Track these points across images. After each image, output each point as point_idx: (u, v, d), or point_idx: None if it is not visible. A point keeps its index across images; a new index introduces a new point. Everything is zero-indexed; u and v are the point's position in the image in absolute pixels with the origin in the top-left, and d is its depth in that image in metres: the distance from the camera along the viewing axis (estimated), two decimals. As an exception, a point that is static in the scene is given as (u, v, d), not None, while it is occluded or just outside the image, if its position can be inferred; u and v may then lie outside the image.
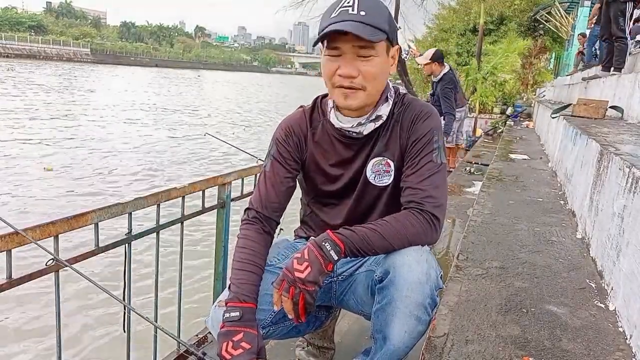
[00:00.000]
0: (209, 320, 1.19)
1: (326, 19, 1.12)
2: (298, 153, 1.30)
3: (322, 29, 1.12)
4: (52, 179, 7.66)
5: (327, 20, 1.11)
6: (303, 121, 1.31)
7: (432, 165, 1.19)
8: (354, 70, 1.12)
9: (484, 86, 12.26)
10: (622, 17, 5.01)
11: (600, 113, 3.67)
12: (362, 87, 1.14)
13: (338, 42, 1.11)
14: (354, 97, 1.16)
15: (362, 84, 1.14)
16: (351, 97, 1.15)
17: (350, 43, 1.10)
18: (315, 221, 1.39)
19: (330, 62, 1.14)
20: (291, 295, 1.06)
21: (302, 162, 1.31)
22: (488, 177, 3.40)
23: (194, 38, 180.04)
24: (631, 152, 1.86)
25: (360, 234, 1.09)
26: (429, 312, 1.08)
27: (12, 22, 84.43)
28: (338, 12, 1.10)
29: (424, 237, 1.13)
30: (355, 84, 1.14)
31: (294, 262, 1.07)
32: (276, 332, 1.25)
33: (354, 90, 1.14)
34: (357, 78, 1.13)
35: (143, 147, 11.18)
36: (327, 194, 1.33)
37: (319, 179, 1.32)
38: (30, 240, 1.31)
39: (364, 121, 1.22)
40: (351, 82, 1.13)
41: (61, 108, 16.76)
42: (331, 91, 1.19)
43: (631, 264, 1.31)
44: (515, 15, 20.05)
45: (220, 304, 1.16)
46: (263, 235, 1.24)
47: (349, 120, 1.23)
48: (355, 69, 1.12)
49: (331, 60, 1.14)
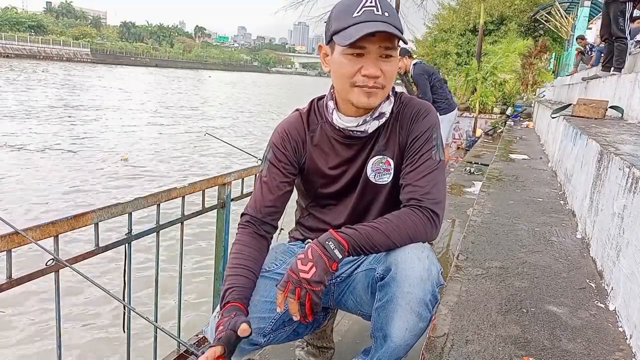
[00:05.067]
0: (208, 330, 1.18)
1: (347, 18, 1.11)
2: (296, 157, 1.29)
3: (344, 26, 1.11)
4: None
5: (350, 19, 1.10)
6: (300, 125, 1.30)
7: (431, 162, 1.19)
8: (378, 70, 1.13)
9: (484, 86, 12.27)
10: (622, 17, 5.01)
11: (600, 113, 3.67)
12: (382, 86, 1.16)
13: (364, 42, 1.10)
14: (376, 96, 1.16)
15: (383, 83, 1.15)
16: (373, 96, 1.16)
17: (377, 44, 1.10)
18: (313, 222, 1.38)
19: (351, 62, 1.13)
20: (297, 297, 1.05)
21: (300, 167, 1.30)
22: (488, 177, 3.40)
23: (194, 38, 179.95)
24: (631, 152, 1.86)
25: (362, 232, 1.09)
26: (430, 309, 1.08)
27: (12, 22, 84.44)
28: (362, 12, 1.09)
29: (424, 233, 1.14)
30: (378, 84, 1.15)
31: (298, 263, 1.07)
32: (276, 339, 1.25)
33: (376, 89, 1.15)
34: (380, 78, 1.14)
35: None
36: (326, 195, 1.33)
37: (319, 181, 1.31)
38: (30, 240, 1.31)
39: (368, 119, 1.22)
40: (375, 82, 1.14)
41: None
42: (348, 90, 1.17)
43: (631, 264, 1.31)
44: (515, 15, 20.07)
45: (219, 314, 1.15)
46: (256, 238, 1.23)
47: (352, 120, 1.22)
48: (378, 69, 1.13)
49: (352, 60, 1.13)
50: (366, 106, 1.18)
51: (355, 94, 1.17)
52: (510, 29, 19.35)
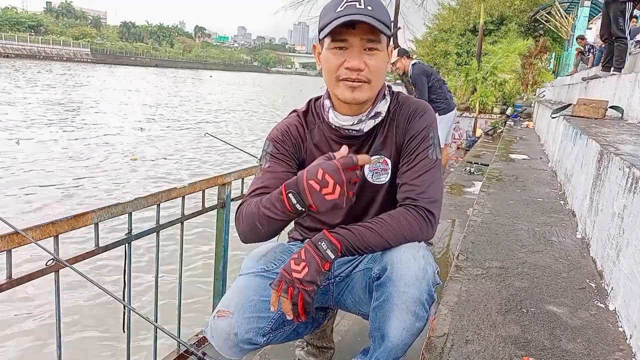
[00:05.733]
0: (209, 330, 1.18)
1: (330, 14, 1.12)
2: (296, 154, 1.28)
3: (327, 22, 1.11)
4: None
5: (333, 14, 1.11)
6: (299, 124, 1.30)
7: (428, 161, 1.19)
8: (361, 63, 1.12)
9: (484, 86, 12.26)
10: (621, 17, 5.01)
11: (600, 113, 3.67)
12: (367, 80, 1.15)
13: (345, 34, 1.10)
14: (360, 90, 1.16)
15: (368, 76, 1.14)
16: (358, 90, 1.15)
17: (359, 36, 1.11)
18: (311, 223, 1.38)
19: (336, 56, 1.14)
20: (290, 296, 1.06)
21: (300, 163, 1.29)
22: (488, 177, 3.39)
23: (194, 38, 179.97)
24: (631, 151, 1.86)
25: (356, 232, 1.09)
26: (426, 308, 1.08)
27: (12, 22, 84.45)
28: (344, 7, 1.10)
29: (420, 233, 1.13)
30: (362, 77, 1.14)
31: (291, 263, 1.07)
32: (276, 338, 1.25)
33: (360, 83, 1.15)
34: (363, 71, 1.13)
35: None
36: None
37: None
38: (30, 240, 1.31)
39: (364, 118, 1.22)
40: (358, 75, 1.13)
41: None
42: (334, 85, 1.18)
43: (631, 264, 1.31)
44: (515, 15, 20.08)
45: (220, 314, 1.14)
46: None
47: (347, 119, 1.22)
48: (362, 61, 1.12)
49: (336, 53, 1.13)
50: (352, 101, 1.18)
51: (340, 89, 1.17)
52: (510, 29, 19.36)
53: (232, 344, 1.14)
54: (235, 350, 1.16)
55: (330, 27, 1.09)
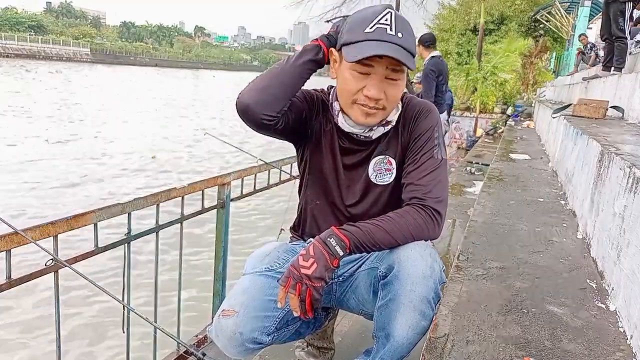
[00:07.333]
0: (213, 329, 1.18)
1: (358, 32, 1.09)
2: (308, 113, 1.26)
3: (354, 40, 1.08)
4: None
5: (362, 34, 1.08)
6: (324, 100, 1.28)
7: (433, 161, 1.19)
8: (380, 93, 1.12)
9: (484, 86, 12.27)
10: (621, 17, 5.00)
11: (601, 113, 3.67)
12: (383, 107, 1.15)
13: (372, 61, 1.09)
14: (374, 116, 1.16)
15: (384, 105, 1.15)
16: (372, 116, 1.16)
17: (384, 65, 1.10)
18: (315, 222, 1.38)
19: (355, 80, 1.12)
20: (298, 292, 1.05)
21: (304, 132, 1.27)
22: (489, 177, 3.39)
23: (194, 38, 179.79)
24: (632, 152, 1.86)
25: (364, 230, 1.09)
26: (432, 307, 1.08)
27: (12, 22, 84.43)
28: (374, 29, 1.07)
29: (427, 232, 1.14)
30: (379, 105, 1.14)
31: (299, 259, 1.07)
32: (279, 338, 1.25)
33: (377, 110, 1.15)
34: (382, 100, 1.13)
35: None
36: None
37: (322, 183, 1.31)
38: (29, 240, 1.31)
39: (375, 127, 1.22)
40: (376, 104, 1.13)
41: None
42: (348, 106, 1.17)
43: (632, 264, 1.31)
44: (515, 15, 20.06)
45: (225, 313, 1.14)
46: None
47: (357, 126, 1.22)
48: (382, 91, 1.12)
49: (357, 77, 1.12)
50: (363, 124, 1.18)
51: (354, 111, 1.16)
52: (510, 28, 19.35)
53: (238, 343, 1.14)
54: (241, 349, 1.16)
55: (359, 54, 1.07)
